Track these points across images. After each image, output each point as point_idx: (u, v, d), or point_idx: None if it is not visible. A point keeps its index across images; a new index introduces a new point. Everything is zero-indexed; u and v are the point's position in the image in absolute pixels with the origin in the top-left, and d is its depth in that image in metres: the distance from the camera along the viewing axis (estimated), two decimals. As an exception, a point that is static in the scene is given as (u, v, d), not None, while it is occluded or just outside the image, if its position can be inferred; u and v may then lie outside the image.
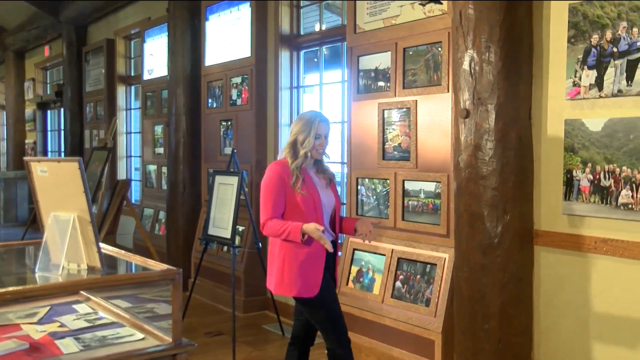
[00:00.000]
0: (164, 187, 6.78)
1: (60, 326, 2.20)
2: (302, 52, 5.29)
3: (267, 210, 2.84)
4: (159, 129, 7.13)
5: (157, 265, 2.13)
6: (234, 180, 4.63)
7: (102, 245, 2.24)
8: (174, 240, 6.19)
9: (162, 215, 6.90)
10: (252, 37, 5.35)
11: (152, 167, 7.32)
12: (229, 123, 5.65)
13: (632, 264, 2.81)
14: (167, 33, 6.35)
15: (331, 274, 2.97)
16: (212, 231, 4.72)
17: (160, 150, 7.10)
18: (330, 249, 2.75)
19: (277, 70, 5.22)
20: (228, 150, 5.53)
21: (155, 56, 7.14)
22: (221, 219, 4.65)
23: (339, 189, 3.27)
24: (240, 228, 5.30)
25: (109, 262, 2.29)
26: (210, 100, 5.97)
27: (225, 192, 4.69)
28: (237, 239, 5.15)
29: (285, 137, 5.22)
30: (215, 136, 5.82)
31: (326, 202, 2.92)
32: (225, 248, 5.41)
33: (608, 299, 2.91)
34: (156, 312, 2.43)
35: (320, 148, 2.89)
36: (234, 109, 5.60)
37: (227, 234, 4.53)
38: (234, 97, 5.59)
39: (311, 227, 2.72)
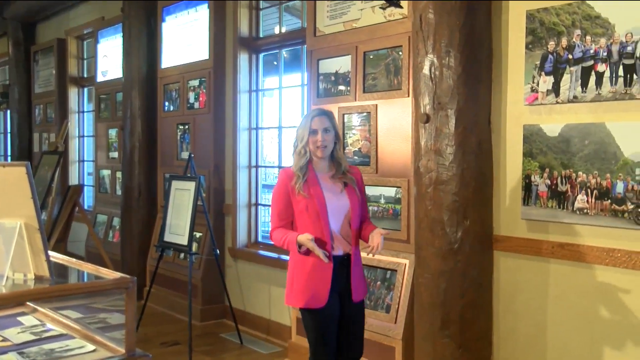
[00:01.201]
0: (119, 192, 6.63)
1: (2, 340, 2.10)
2: (261, 55, 5.25)
3: (273, 220, 2.83)
4: (113, 132, 6.97)
5: (110, 274, 2.07)
6: (191, 186, 4.58)
7: (51, 253, 2.16)
8: (129, 247, 6.06)
9: (116, 221, 6.75)
10: (210, 39, 5.30)
11: (105, 172, 7.16)
12: (186, 127, 5.58)
13: (587, 269, 2.87)
14: (121, 34, 6.22)
15: (345, 288, 2.78)
16: (168, 238, 4.65)
17: (115, 154, 6.94)
18: (325, 260, 2.64)
19: (235, 73, 5.17)
20: (185, 155, 5.44)
21: (110, 57, 6.98)
22: (177, 226, 4.60)
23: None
24: (198, 234, 5.22)
25: (59, 271, 2.21)
26: (166, 104, 5.88)
27: (182, 197, 4.64)
28: (194, 246, 5.05)
29: (244, 141, 5.19)
30: (172, 140, 5.74)
31: (335, 207, 2.75)
32: (182, 255, 5.33)
33: (564, 304, 2.97)
34: (109, 322, 2.36)
35: (318, 144, 2.73)
36: (191, 112, 5.53)
37: (184, 241, 4.49)
38: (192, 100, 5.53)
39: (303, 238, 2.66)
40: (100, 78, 7.20)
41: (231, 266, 5.28)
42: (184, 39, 5.64)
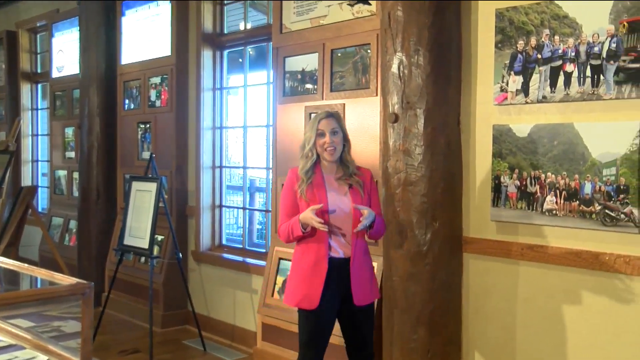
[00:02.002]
0: (75, 194, 6.50)
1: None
2: (225, 52, 5.21)
3: (280, 218, 2.89)
4: (69, 131, 6.82)
5: (65, 279, 2.00)
6: (152, 187, 4.53)
7: (0, 258, 2.07)
8: (86, 251, 5.93)
9: (72, 224, 6.60)
10: (173, 34, 5.23)
11: (61, 173, 6.99)
12: (147, 126, 5.50)
13: (556, 270, 2.92)
14: (78, 27, 6.08)
15: (347, 291, 2.78)
16: (128, 241, 4.59)
17: (71, 154, 6.79)
18: (322, 228, 2.67)
19: (199, 71, 5.11)
20: (146, 155, 5.39)
21: (66, 52, 6.82)
22: (138, 228, 4.54)
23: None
24: (159, 237, 5.16)
25: (9, 277, 2.13)
26: (127, 101, 5.79)
27: (142, 199, 4.59)
28: (156, 249, 5.02)
29: (207, 141, 5.14)
30: (132, 140, 5.65)
31: (337, 209, 2.77)
32: (143, 259, 5.26)
33: (533, 306, 3.01)
34: (63, 330, 2.29)
35: (326, 146, 2.77)
36: (152, 110, 5.46)
37: (145, 244, 4.43)
38: (153, 98, 5.46)
39: (304, 215, 2.70)
40: (55, 74, 7.03)
41: (194, 270, 5.22)
42: (145, 34, 5.55)
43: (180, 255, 4.64)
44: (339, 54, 3.86)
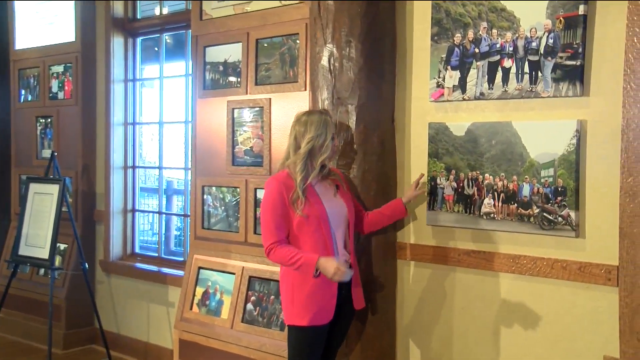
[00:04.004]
0: (-38, 197, 6.13)
1: None
2: (139, 39, 5.10)
3: (270, 233, 2.72)
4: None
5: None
6: (54, 189, 4.44)
7: None
8: (-26, 263, 5.60)
9: (-42, 232, 6.22)
10: (77, 17, 5.09)
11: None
12: (48, 120, 5.33)
13: (494, 277, 2.95)
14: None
15: (345, 297, 2.81)
16: (24, 251, 4.49)
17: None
18: (349, 275, 2.67)
19: (108, 59, 4.99)
20: (47, 153, 5.23)
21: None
22: (37, 236, 4.46)
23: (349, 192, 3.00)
24: (62, 246, 5.03)
25: None
26: (22, 92, 5.59)
27: (42, 203, 4.49)
28: (58, 260, 4.90)
29: (119, 138, 5.01)
30: (30, 136, 5.48)
31: (335, 212, 2.78)
32: (42, 271, 5.12)
33: (471, 316, 3.03)
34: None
35: (336, 149, 2.85)
36: (54, 103, 5.29)
37: (45, 254, 4.34)
38: (55, 89, 5.28)
39: (330, 266, 2.62)
40: None
41: (103, 282, 5.09)
42: (45, 16, 5.34)
43: (87, 266, 4.50)
44: (265, 45, 3.82)
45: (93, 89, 5.11)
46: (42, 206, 4.47)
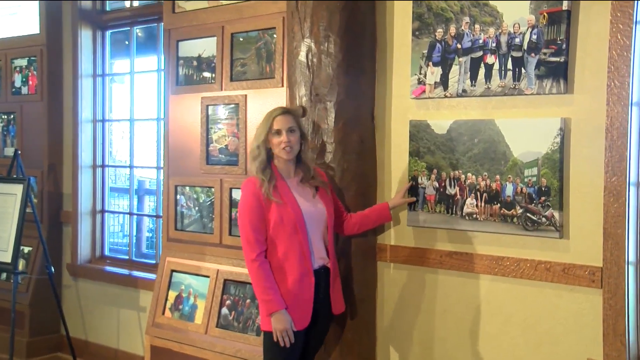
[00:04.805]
0: None
1: None
2: (108, 33, 5.06)
3: (249, 243, 2.74)
4: None
5: None
6: (17, 190, 4.38)
7: None
8: None
9: None
10: (42, 8, 5.03)
11: None
12: (11, 117, 5.28)
13: (476, 279, 2.97)
14: None
15: (322, 302, 2.82)
16: None
17: None
18: (282, 343, 2.69)
19: (76, 53, 4.94)
20: (10, 152, 5.18)
21: None
22: None
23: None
24: (26, 249, 4.97)
25: None
26: (-17, 87, 5.50)
27: (5, 204, 4.43)
28: (21, 263, 4.85)
29: (87, 136, 5.01)
30: (-8, 133, 5.41)
31: (312, 214, 2.79)
32: (4, 275, 5.01)
33: (453, 319, 3.05)
34: None
35: (283, 145, 2.76)
36: (17, 98, 5.24)
37: (7, 258, 4.28)
38: (18, 83, 5.23)
39: (281, 322, 2.68)
40: None
41: (70, 286, 5.04)
42: (6, 5, 5.27)
43: (53, 270, 4.44)
44: (241, 39, 3.80)
45: (60, 84, 5.05)
46: (4, 207, 4.40)
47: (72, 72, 4.96)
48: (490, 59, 2.88)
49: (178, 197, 4.09)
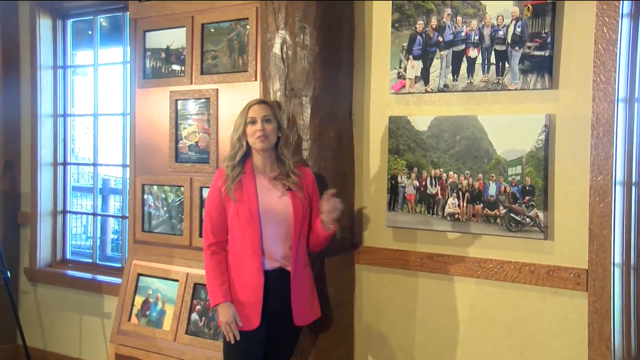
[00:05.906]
0: None
1: None
2: (69, 22, 4.99)
3: (205, 232, 2.89)
4: None
5: None
6: None
7: None
8: None
9: None
10: None
11: None
12: None
13: (459, 282, 2.99)
14: None
15: (282, 309, 2.82)
16: None
17: None
18: (231, 339, 2.76)
19: (34, 44, 4.86)
20: None
21: None
22: None
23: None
24: None
25: None
26: None
27: None
28: None
29: (47, 131, 4.94)
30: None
31: (272, 213, 2.81)
32: None
33: (433, 324, 3.07)
34: None
35: (258, 134, 2.80)
36: None
37: None
38: None
39: (224, 315, 2.76)
40: None
41: (28, 292, 4.97)
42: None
43: (9, 275, 4.36)
44: (212, 30, 3.79)
45: (16, 76, 4.96)
46: (-43, 208, 4.36)
47: (30, 64, 4.88)
48: (473, 52, 2.90)
49: (145, 196, 4.07)
